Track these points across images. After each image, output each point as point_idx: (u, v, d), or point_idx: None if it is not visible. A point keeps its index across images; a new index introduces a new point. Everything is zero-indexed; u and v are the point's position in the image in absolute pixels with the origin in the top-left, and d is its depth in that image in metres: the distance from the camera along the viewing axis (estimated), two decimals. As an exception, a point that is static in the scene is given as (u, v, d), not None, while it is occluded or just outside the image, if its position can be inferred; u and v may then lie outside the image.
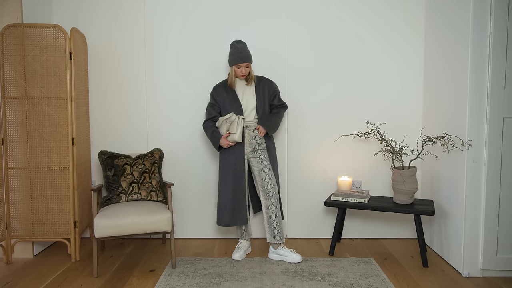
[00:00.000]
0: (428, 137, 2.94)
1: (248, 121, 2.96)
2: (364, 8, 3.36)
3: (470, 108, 2.65)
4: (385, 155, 3.39)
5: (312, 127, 3.43)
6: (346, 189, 3.22)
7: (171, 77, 3.41)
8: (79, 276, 2.74)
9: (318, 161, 3.45)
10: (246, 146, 2.97)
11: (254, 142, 2.96)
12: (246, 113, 2.95)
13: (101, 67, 3.41)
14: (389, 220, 3.49)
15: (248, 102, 2.95)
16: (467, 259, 2.72)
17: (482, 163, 2.66)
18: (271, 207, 2.93)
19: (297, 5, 3.36)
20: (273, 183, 2.92)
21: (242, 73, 2.89)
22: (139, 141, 3.45)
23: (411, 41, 3.38)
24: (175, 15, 3.38)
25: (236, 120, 2.87)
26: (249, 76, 2.95)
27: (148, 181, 3.07)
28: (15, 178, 2.96)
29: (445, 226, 2.99)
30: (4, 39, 2.88)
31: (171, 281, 2.64)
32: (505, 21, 2.57)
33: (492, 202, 2.66)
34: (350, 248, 3.26)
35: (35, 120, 2.94)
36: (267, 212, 2.94)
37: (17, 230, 2.98)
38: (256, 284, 2.59)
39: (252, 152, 2.97)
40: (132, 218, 2.68)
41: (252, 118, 2.97)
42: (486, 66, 2.62)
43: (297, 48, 3.39)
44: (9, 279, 2.70)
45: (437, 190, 3.13)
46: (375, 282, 2.61)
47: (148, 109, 3.43)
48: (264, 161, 2.94)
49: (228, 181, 2.95)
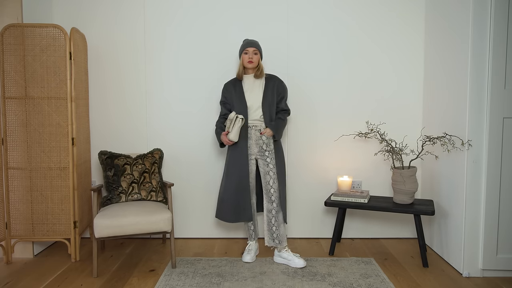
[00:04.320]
0: (428, 137, 2.94)
1: (254, 119, 2.92)
2: (363, 8, 3.36)
3: (470, 108, 2.65)
4: (385, 155, 3.39)
5: (312, 127, 3.43)
6: (346, 189, 3.22)
7: (171, 77, 3.41)
8: (79, 276, 2.74)
9: (318, 161, 3.45)
10: (253, 146, 2.94)
11: (261, 142, 2.92)
12: (251, 111, 2.91)
13: (101, 67, 3.41)
14: (389, 220, 3.49)
15: (254, 100, 2.91)
16: (467, 259, 2.72)
17: (482, 163, 2.66)
18: (271, 211, 2.92)
19: (297, 6, 3.36)
20: (276, 188, 2.90)
21: (249, 58, 2.86)
22: (139, 141, 3.45)
23: (411, 41, 3.38)
24: (175, 15, 3.38)
25: (234, 119, 2.85)
26: (258, 71, 2.92)
27: (148, 181, 3.07)
28: (15, 178, 2.96)
29: (445, 226, 2.99)
30: (4, 39, 2.88)
31: (171, 281, 2.64)
32: (505, 21, 2.57)
33: (492, 202, 2.66)
34: (350, 248, 3.26)
35: (35, 120, 2.94)
36: (268, 215, 2.93)
37: (17, 230, 2.98)
38: (256, 284, 2.59)
39: (260, 153, 2.94)
40: (132, 218, 2.68)
41: (257, 117, 2.92)
42: (486, 66, 2.62)
43: (297, 48, 3.39)
44: (9, 279, 2.70)
45: (437, 190, 3.13)
46: (375, 282, 2.61)
47: (148, 109, 3.44)
48: (270, 164, 2.91)
49: (232, 179, 2.94)
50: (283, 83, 3.02)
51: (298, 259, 2.87)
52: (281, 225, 2.92)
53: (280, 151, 2.99)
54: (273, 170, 2.90)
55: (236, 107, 2.92)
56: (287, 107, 3.04)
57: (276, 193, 2.90)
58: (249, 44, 2.89)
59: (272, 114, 2.95)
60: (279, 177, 2.93)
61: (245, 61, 2.90)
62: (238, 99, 2.92)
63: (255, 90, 2.93)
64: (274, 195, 2.90)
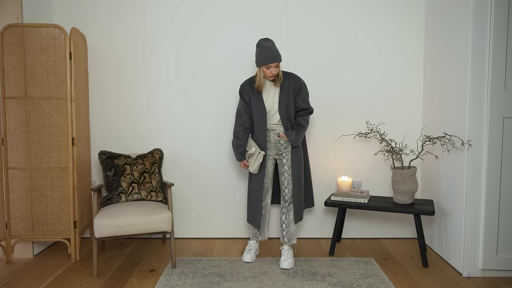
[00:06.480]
0: (428, 137, 2.94)
1: (272, 124, 2.90)
2: (364, 9, 3.36)
3: (470, 108, 2.65)
4: (385, 155, 3.39)
5: (312, 127, 3.42)
6: (346, 189, 3.22)
7: (171, 76, 3.41)
8: (79, 276, 2.74)
9: (318, 161, 3.45)
10: (271, 149, 2.94)
11: (279, 145, 2.92)
12: (270, 115, 2.88)
13: (101, 67, 3.41)
14: (389, 220, 3.49)
15: (272, 104, 2.86)
16: (467, 259, 2.72)
17: (482, 163, 2.66)
18: (282, 209, 2.97)
19: (296, 13, 3.36)
20: (290, 189, 2.91)
21: (271, 74, 2.75)
22: (139, 141, 3.45)
23: (411, 41, 3.37)
24: (175, 15, 3.38)
25: (256, 155, 2.87)
26: (277, 77, 2.81)
27: (148, 181, 3.07)
28: (15, 178, 2.96)
29: (445, 226, 2.99)
30: (4, 39, 2.88)
31: (171, 281, 2.64)
32: (505, 21, 2.57)
33: (492, 202, 2.66)
34: (350, 248, 3.26)
35: (35, 120, 2.94)
36: (280, 213, 3.00)
37: (17, 230, 2.98)
38: (256, 284, 2.58)
39: (278, 155, 2.95)
40: (132, 218, 2.68)
41: (276, 121, 2.89)
42: (486, 66, 2.62)
43: (297, 48, 3.38)
44: (9, 279, 2.70)
45: (437, 190, 3.13)
46: (375, 282, 2.61)
47: (148, 109, 3.43)
48: (285, 166, 2.91)
49: (252, 181, 3.00)
50: (300, 81, 2.89)
51: (286, 260, 2.86)
52: (291, 224, 2.95)
53: (297, 152, 2.91)
54: (288, 172, 2.91)
55: (254, 112, 2.90)
56: (307, 106, 2.90)
57: (289, 194, 2.92)
58: (271, 59, 2.71)
59: (291, 116, 2.87)
60: (295, 178, 2.90)
61: (267, 76, 2.78)
62: (256, 103, 2.88)
63: (271, 93, 2.87)
64: (287, 195, 2.93)
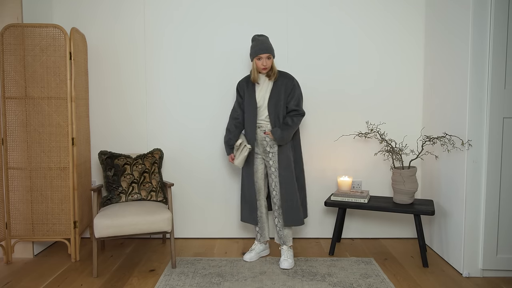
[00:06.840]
0: (428, 137, 2.94)
1: (260, 119, 2.89)
2: (364, 9, 3.36)
3: (470, 108, 2.65)
4: (385, 155, 3.39)
5: (312, 127, 3.42)
6: (346, 189, 3.22)
7: (171, 76, 3.41)
8: (79, 276, 2.74)
9: (318, 161, 3.44)
10: (258, 146, 2.93)
11: (265, 143, 2.89)
12: (260, 110, 2.88)
13: (101, 67, 3.41)
14: (389, 220, 3.49)
15: (263, 99, 2.87)
16: (467, 259, 2.72)
17: (482, 163, 2.66)
18: (274, 212, 2.96)
19: (296, 13, 3.36)
20: (278, 191, 2.88)
21: (263, 65, 2.78)
22: (139, 141, 3.45)
23: (410, 41, 3.37)
24: (174, 15, 3.38)
25: (242, 147, 2.88)
26: (271, 71, 2.85)
27: (148, 181, 3.07)
28: (15, 178, 2.96)
29: (445, 226, 2.99)
30: (4, 39, 2.88)
31: (171, 281, 2.64)
32: (505, 21, 2.57)
33: (492, 202, 2.66)
34: (350, 248, 3.26)
35: (35, 120, 2.94)
36: (273, 215, 2.98)
37: (17, 230, 2.98)
38: (256, 284, 2.59)
39: (264, 154, 2.93)
40: (132, 218, 2.68)
41: (263, 117, 2.88)
42: (486, 66, 2.62)
43: (296, 48, 3.38)
44: (9, 279, 2.70)
45: (437, 190, 3.13)
46: (375, 282, 2.61)
47: (148, 109, 3.43)
48: (272, 167, 2.89)
49: (244, 178, 3.00)
50: (293, 81, 2.88)
51: (286, 260, 2.86)
52: (283, 227, 2.93)
53: (285, 154, 2.86)
54: (275, 173, 2.89)
55: (246, 107, 2.91)
56: (298, 107, 2.87)
57: (278, 196, 2.89)
58: (262, 50, 2.76)
59: (279, 113, 2.84)
60: (282, 179, 2.85)
61: (259, 67, 2.81)
62: (249, 97, 2.90)
63: (264, 89, 2.89)
64: (275, 197, 2.90)
